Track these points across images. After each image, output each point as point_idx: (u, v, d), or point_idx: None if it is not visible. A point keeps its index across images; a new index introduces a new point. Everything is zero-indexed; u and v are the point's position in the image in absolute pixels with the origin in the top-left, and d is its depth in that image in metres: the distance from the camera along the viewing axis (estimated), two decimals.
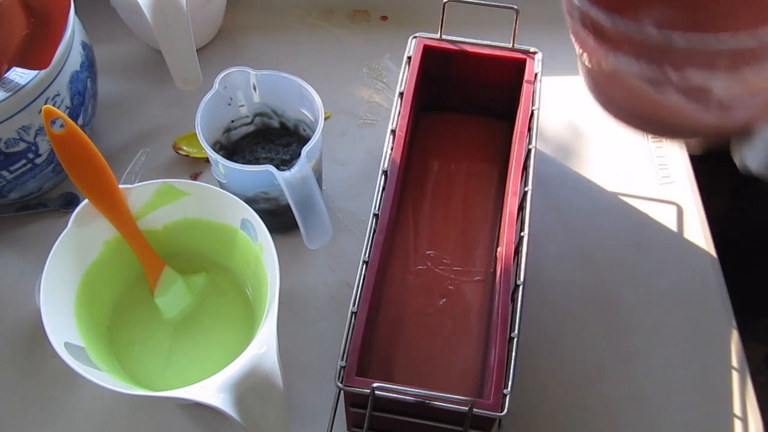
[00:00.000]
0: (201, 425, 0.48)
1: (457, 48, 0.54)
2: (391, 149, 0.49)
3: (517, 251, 0.46)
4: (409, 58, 0.54)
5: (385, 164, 0.49)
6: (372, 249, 0.45)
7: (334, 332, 0.51)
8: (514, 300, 0.44)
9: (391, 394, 0.39)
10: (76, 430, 0.48)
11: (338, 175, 0.59)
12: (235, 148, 0.56)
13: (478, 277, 0.52)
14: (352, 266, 0.54)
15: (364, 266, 0.44)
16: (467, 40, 0.54)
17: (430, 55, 0.54)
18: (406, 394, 0.39)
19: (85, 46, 0.54)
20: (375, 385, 0.38)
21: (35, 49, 0.48)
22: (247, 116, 0.55)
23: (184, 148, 0.59)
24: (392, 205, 0.47)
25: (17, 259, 0.55)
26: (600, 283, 0.54)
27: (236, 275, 0.50)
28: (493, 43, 0.54)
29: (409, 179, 0.56)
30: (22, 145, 0.50)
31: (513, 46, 0.54)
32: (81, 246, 0.44)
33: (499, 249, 0.48)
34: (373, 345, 0.49)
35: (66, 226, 0.43)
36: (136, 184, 0.45)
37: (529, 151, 0.50)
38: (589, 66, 0.38)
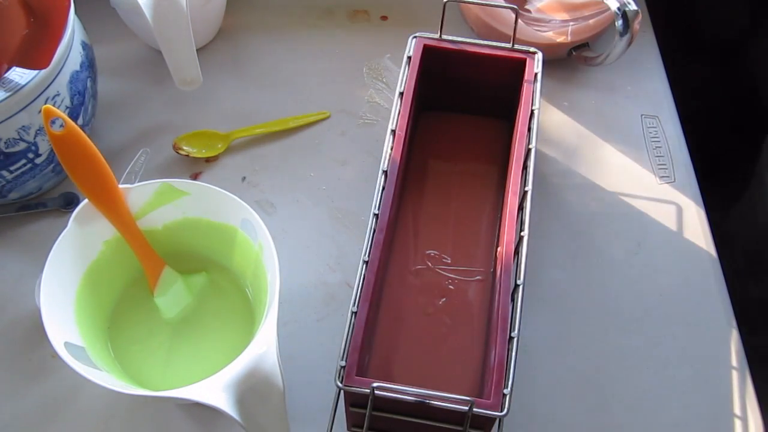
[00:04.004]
0: (201, 425, 0.48)
1: (457, 48, 0.54)
2: (391, 149, 0.49)
3: (517, 251, 0.46)
4: (409, 58, 0.54)
5: (385, 164, 0.49)
6: (372, 249, 0.45)
7: (334, 332, 0.51)
8: (514, 300, 0.44)
9: (391, 394, 0.39)
10: (76, 430, 0.48)
11: (338, 175, 0.59)
12: None
13: (478, 277, 0.52)
14: (352, 266, 0.54)
15: (364, 266, 0.44)
16: (467, 40, 0.54)
17: (430, 55, 0.54)
18: (406, 394, 0.39)
19: (85, 46, 0.54)
20: (375, 384, 0.38)
21: (35, 49, 0.48)
22: None
23: (184, 148, 0.59)
24: (392, 204, 0.47)
25: (17, 259, 0.55)
26: (600, 283, 0.54)
27: (236, 275, 0.50)
28: (493, 43, 0.54)
29: (409, 179, 0.56)
30: (22, 145, 0.50)
31: (513, 46, 0.54)
32: (81, 246, 0.44)
33: (499, 249, 0.48)
34: (373, 345, 0.49)
35: (66, 226, 0.43)
36: (136, 184, 0.45)
37: (528, 150, 0.50)
38: None
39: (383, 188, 0.47)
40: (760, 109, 0.75)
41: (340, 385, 0.40)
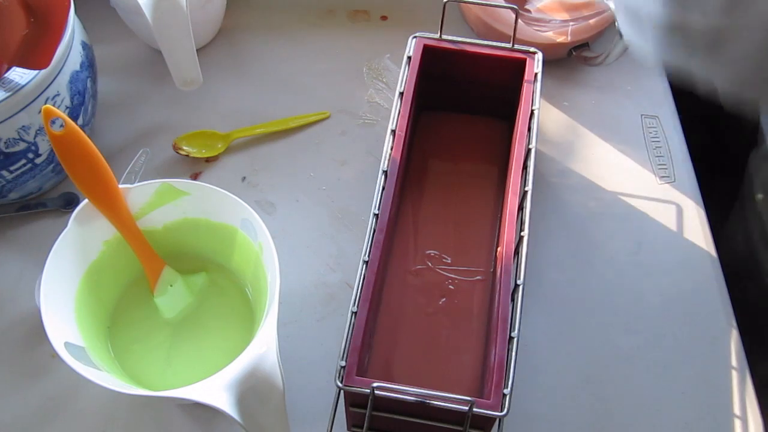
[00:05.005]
0: (201, 425, 0.48)
1: (457, 48, 0.54)
2: (391, 149, 0.49)
3: (517, 251, 0.46)
4: (409, 58, 0.54)
5: (385, 164, 0.49)
6: (372, 249, 0.45)
7: (334, 332, 0.51)
8: (514, 300, 0.44)
9: (391, 394, 0.39)
10: (76, 430, 0.48)
11: (338, 175, 0.59)
12: None
13: (478, 277, 0.52)
14: (352, 266, 0.54)
15: (364, 266, 0.44)
16: (467, 40, 0.54)
17: (430, 55, 0.54)
18: (406, 394, 0.39)
19: (85, 46, 0.54)
20: (375, 384, 0.38)
21: (35, 49, 0.48)
22: None
23: (184, 148, 0.59)
24: (392, 204, 0.47)
25: (17, 259, 0.55)
26: (600, 283, 0.54)
27: (236, 275, 0.50)
28: (493, 43, 0.54)
29: (409, 179, 0.56)
30: (22, 145, 0.50)
31: (513, 46, 0.54)
32: (81, 246, 0.44)
33: (499, 249, 0.48)
34: (373, 345, 0.49)
35: (66, 226, 0.43)
36: (136, 184, 0.45)
37: (528, 150, 0.50)
38: None
39: (383, 188, 0.47)
40: None
41: (340, 385, 0.40)
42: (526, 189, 0.48)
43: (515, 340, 0.42)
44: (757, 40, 0.30)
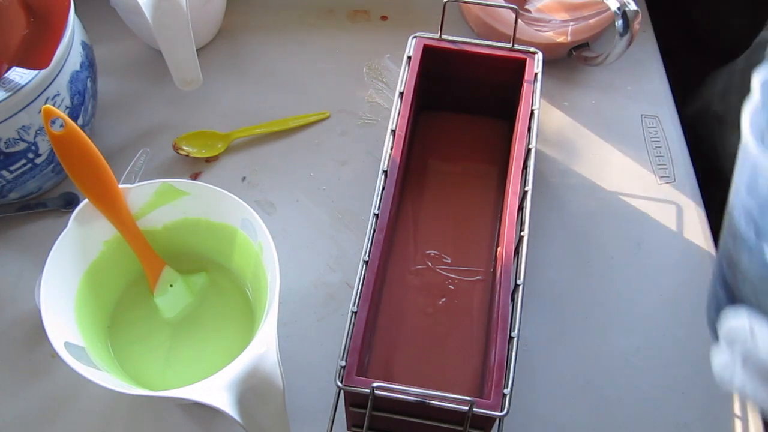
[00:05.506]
0: (201, 425, 0.48)
1: (456, 48, 0.54)
2: (391, 149, 0.49)
3: (517, 251, 0.46)
4: (409, 57, 0.54)
5: (385, 164, 0.49)
6: (372, 248, 0.45)
7: (334, 332, 0.51)
8: (514, 300, 0.44)
9: (391, 394, 0.39)
10: (76, 430, 0.48)
11: (338, 175, 0.59)
12: None
13: (478, 277, 0.52)
14: (352, 266, 0.54)
15: (364, 266, 0.44)
16: (467, 40, 0.54)
17: (430, 55, 0.54)
18: (406, 394, 0.39)
19: (85, 46, 0.54)
20: (375, 384, 0.38)
21: (35, 49, 0.48)
22: None
23: (184, 147, 0.59)
24: (392, 204, 0.47)
25: (17, 259, 0.55)
26: (600, 283, 0.54)
27: (236, 275, 0.50)
28: (493, 43, 0.54)
29: (409, 179, 0.56)
30: (22, 145, 0.50)
31: (513, 46, 0.54)
32: (81, 246, 0.44)
33: (499, 249, 0.48)
34: (373, 345, 0.49)
35: (66, 226, 0.43)
36: (136, 184, 0.45)
37: (528, 150, 0.50)
38: None
39: (383, 188, 0.47)
40: None
41: (340, 385, 0.40)
42: (526, 189, 0.48)
43: (515, 340, 0.42)
44: None
